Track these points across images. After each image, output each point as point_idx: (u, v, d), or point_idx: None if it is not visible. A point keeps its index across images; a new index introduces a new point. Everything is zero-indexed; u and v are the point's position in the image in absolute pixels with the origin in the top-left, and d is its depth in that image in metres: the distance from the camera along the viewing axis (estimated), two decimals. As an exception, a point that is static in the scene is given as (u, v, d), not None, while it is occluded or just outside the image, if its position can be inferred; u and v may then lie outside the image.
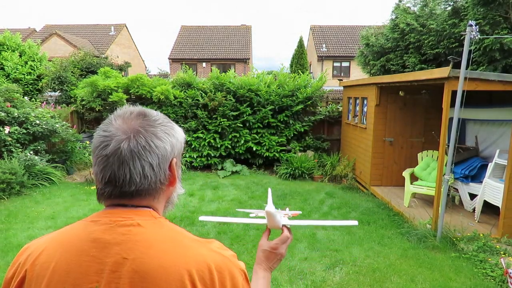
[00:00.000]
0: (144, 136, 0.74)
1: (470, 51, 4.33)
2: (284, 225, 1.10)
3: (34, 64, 11.92)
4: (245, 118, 8.41)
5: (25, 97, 8.10)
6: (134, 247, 0.70)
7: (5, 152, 6.64)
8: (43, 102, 9.42)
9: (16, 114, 6.97)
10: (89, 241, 0.72)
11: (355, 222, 1.28)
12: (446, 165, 4.43)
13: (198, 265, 0.70)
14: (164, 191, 0.80)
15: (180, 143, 0.82)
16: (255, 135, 8.49)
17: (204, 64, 23.51)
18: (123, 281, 0.68)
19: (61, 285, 0.69)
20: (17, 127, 6.86)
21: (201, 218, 1.35)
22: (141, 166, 0.73)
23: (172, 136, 0.79)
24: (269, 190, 1.28)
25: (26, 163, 6.57)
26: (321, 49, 23.53)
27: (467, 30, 4.02)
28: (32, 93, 11.58)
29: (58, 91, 10.78)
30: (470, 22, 4.06)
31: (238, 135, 8.43)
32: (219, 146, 8.39)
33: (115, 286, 0.68)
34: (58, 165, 7.44)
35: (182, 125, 8.53)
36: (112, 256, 0.70)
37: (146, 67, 31.11)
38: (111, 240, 0.71)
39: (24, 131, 6.96)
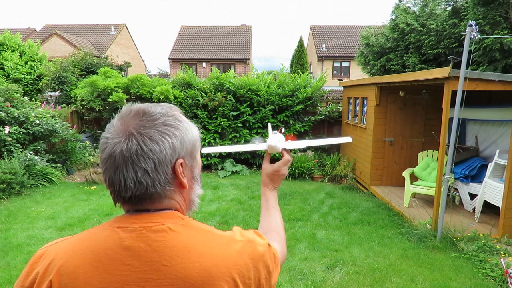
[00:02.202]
0: (136, 139, 0.69)
1: (470, 51, 4.33)
2: (283, 149, 1.16)
3: (34, 64, 11.92)
4: (245, 118, 8.42)
5: (25, 97, 8.09)
6: (172, 253, 0.68)
7: (5, 152, 6.64)
8: (43, 102, 9.41)
9: (16, 114, 6.97)
10: (121, 249, 0.68)
11: (349, 139, 1.35)
12: (446, 165, 4.42)
13: (236, 262, 0.70)
14: (177, 192, 0.76)
15: (190, 141, 0.76)
16: (255, 135, 8.49)
17: (204, 64, 23.51)
18: None
19: None
20: (17, 127, 6.85)
21: (204, 150, 1.31)
22: (134, 171, 0.69)
23: (174, 137, 0.72)
24: (269, 124, 1.34)
25: (26, 163, 6.57)
26: (321, 49, 23.53)
27: (467, 30, 4.02)
28: (32, 93, 11.58)
29: (58, 91, 10.78)
30: (470, 22, 4.06)
31: (238, 135, 8.43)
32: (219, 146, 8.39)
33: None
34: (58, 165, 7.44)
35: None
36: (151, 265, 0.67)
37: (146, 67, 31.12)
38: (146, 248, 0.68)
39: (24, 131, 6.95)
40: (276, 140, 1.17)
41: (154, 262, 0.67)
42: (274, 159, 1.18)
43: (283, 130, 1.28)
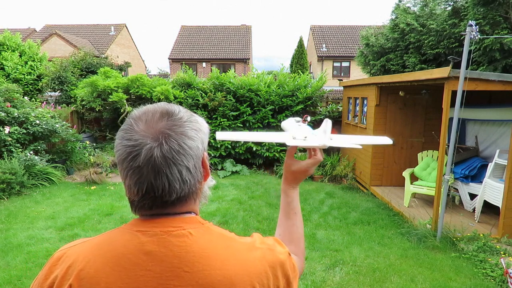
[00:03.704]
0: (175, 138, 0.68)
1: (470, 51, 4.33)
2: (321, 145, 0.99)
3: (34, 64, 11.92)
4: (245, 118, 8.41)
5: (25, 97, 8.10)
6: (194, 259, 0.67)
7: (5, 152, 6.63)
8: (43, 102, 9.41)
9: (16, 114, 6.97)
10: (142, 253, 0.67)
11: (390, 141, 1.18)
12: (446, 165, 4.42)
13: (257, 270, 0.69)
14: (199, 189, 0.76)
15: (207, 135, 0.77)
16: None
17: (204, 64, 23.50)
18: None
19: None
20: (17, 127, 6.85)
21: (218, 135, 1.19)
22: (179, 171, 0.68)
23: (200, 131, 0.73)
24: (328, 121, 1.03)
25: (26, 163, 6.57)
26: (321, 49, 23.52)
27: (467, 30, 4.02)
28: (32, 93, 11.58)
29: (58, 91, 10.78)
30: (470, 22, 4.06)
31: (238, 135, 8.43)
32: (219, 146, 8.39)
33: None
34: (58, 165, 7.44)
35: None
36: (172, 270, 0.66)
37: (146, 67, 31.11)
38: (167, 253, 0.67)
39: (24, 131, 6.95)
40: (308, 133, 1.00)
41: (175, 268, 0.66)
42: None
43: (308, 118, 1.14)
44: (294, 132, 1.05)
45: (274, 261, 0.73)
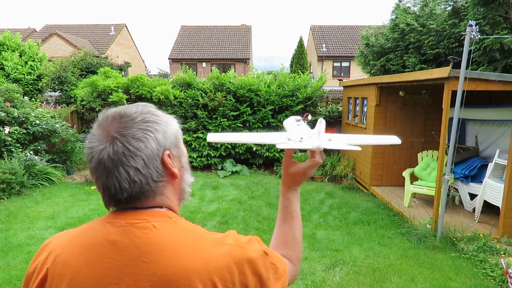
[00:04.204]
0: (121, 141, 0.71)
1: (470, 51, 4.33)
2: (320, 147, 0.94)
3: (34, 64, 11.92)
4: (245, 118, 8.41)
5: (25, 97, 8.09)
6: (152, 250, 0.69)
7: (5, 152, 6.63)
8: (43, 102, 9.41)
9: (16, 114, 6.97)
10: (108, 243, 0.71)
11: (399, 141, 1.13)
12: (446, 165, 4.43)
13: (218, 264, 0.70)
14: (169, 186, 0.78)
15: (172, 133, 0.78)
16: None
17: (204, 64, 23.50)
18: (143, 284, 0.68)
19: (81, 285, 0.70)
20: (17, 127, 6.85)
21: (209, 137, 1.18)
22: (126, 172, 0.71)
23: (156, 132, 0.74)
24: (322, 121, 0.98)
25: (26, 163, 6.57)
26: (321, 49, 23.52)
27: (467, 30, 4.02)
28: (32, 93, 11.59)
29: (58, 91, 10.79)
30: (470, 22, 4.06)
31: (238, 135, 8.43)
32: (219, 146, 8.39)
33: None
34: (58, 165, 7.44)
35: (182, 125, 8.54)
36: (131, 259, 0.69)
37: (146, 67, 31.11)
38: (129, 243, 0.70)
39: (24, 131, 6.95)
40: (305, 134, 0.96)
41: (135, 258, 0.69)
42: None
43: (309, 117, 1.08)
44: (291, 132, 1.01)
45: (241, 258, 0.72)
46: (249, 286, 0.72)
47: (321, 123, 0.96)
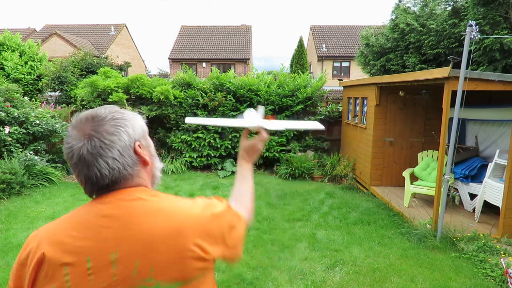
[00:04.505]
0: (97, 137, 0.82)
1: (470, 51, 4.33)
2: (260, 126, 1.31)
3: (34, 64, 11.92)
4: (245, 118, 8.40)
5: (25, 97, 8.09)
6: (143, 214, 0.81)
7: (5, 152, 6.64)
8: (43, 102, 9.42)
9: (16, 114, 6.97)
10: (101, 216, 0.81)
11: (320, 125, 1.46)
12: (446, 165, 4.43)
13: (199, 216, 0.85)
14: (143, 171, 0.90)
15: (139, 126, 0.90)
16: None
17: (204, 64, 23.51)
18: (137, 244, 0.78)
19: (83, 258, 0.78)
20: (17, 127, 6.86)
21: (187, 120, 1.56)
22: (105, 162, 0.82)
23: (125, 126, 0.86)
24: (262, 107, 1.47)
25: (26, 163, 6.57)
26: (321, 49, 23.53)
27: (467, 30, 4.02)
28: (32, 93, 11.58)
29: (58, 91, 10.79)
30: (470, 22, 4.06)
31: (238, 135, 8.43)
32: (219, 146, 8.39)
33: (128, 249, 0.78)
34: (58, 165, 7.44)
35: (182, 125, 8.59)
36: (126, 225, 0.80)
37: (146, 67, 31.12)
38: (120, 214, 0.81)
39: (24, 131, 6.96)
40: (252, 117, 1.31)
41: (128, 223, 0.80)
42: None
43: (259, 107, 1.42)
44: (245, 118, 1.35)
45: (214, 211, 0.89)
46: (224, 232, 0.88)
47: (261, 109, 1.42)
